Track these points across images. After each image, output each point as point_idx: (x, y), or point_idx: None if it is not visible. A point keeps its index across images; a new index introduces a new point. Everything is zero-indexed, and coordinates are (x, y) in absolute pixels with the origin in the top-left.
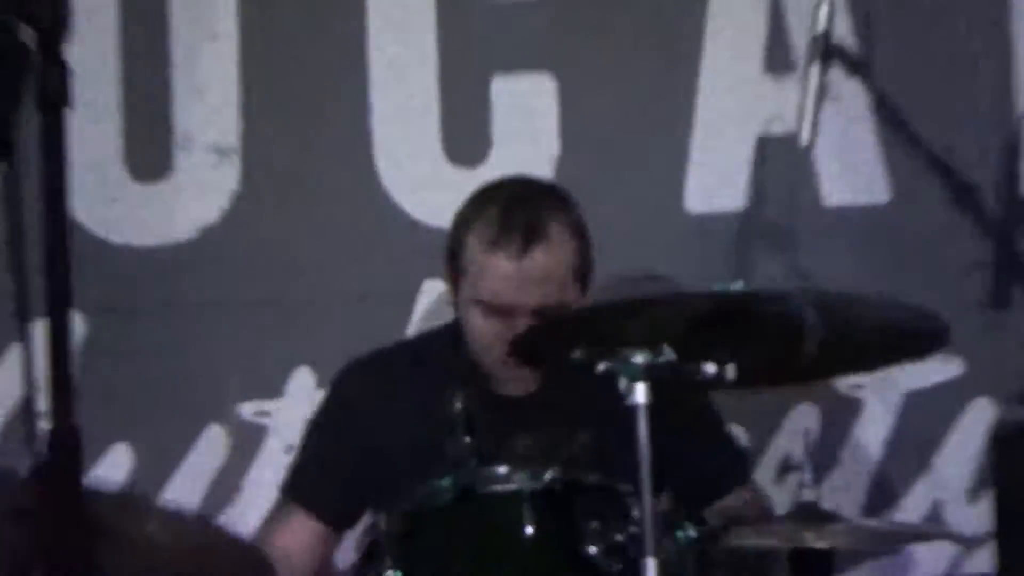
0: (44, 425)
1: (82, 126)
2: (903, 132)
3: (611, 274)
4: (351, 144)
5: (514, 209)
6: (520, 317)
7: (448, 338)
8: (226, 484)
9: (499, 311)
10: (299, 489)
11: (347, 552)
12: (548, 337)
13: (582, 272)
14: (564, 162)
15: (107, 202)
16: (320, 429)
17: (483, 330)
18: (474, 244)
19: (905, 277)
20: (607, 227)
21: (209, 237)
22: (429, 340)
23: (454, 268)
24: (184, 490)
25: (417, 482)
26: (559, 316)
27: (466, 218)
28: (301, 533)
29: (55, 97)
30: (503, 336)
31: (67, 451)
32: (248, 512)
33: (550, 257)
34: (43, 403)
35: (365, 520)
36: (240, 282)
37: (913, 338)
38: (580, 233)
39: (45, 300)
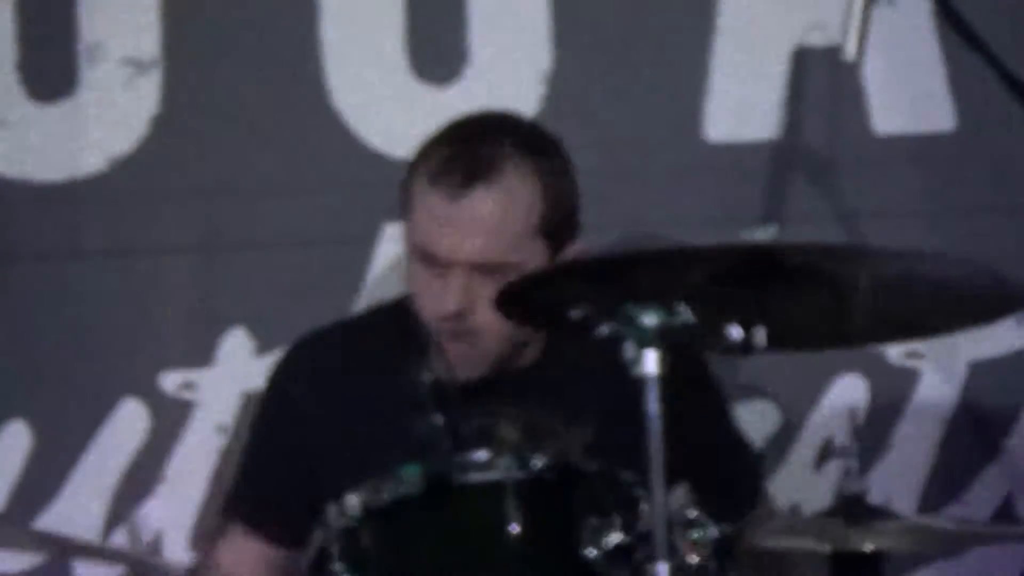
0: None
1: None
2: (970, 45)
3: (611, 220)
4: (296, 56)
5: (467, 143)
6: (454, 271)
7: (410, 308)
8: (145, 471)
9: (432, 261)
10: (242, 505)
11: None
12: (539, 292)
13: (550, 230)
14: (556, 79)
15: None
16: (261, 431)
17: (420, 287)
18: (418, 180)
19: (970, 222)
20: (609, 161)
21: (122, 170)
22: (387, 313)
23: (403, 210)
24: (93, 479)
25: (380, 463)
26: (546, 270)
27: (419, 152)
28: (247, 556)
29: None
30: (437, 294)
31: None
32: (171, 506)
33: (494, 201)
34: None
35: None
36: (160, 225)
37: (979, 299)
38: (550, 182)
39: None
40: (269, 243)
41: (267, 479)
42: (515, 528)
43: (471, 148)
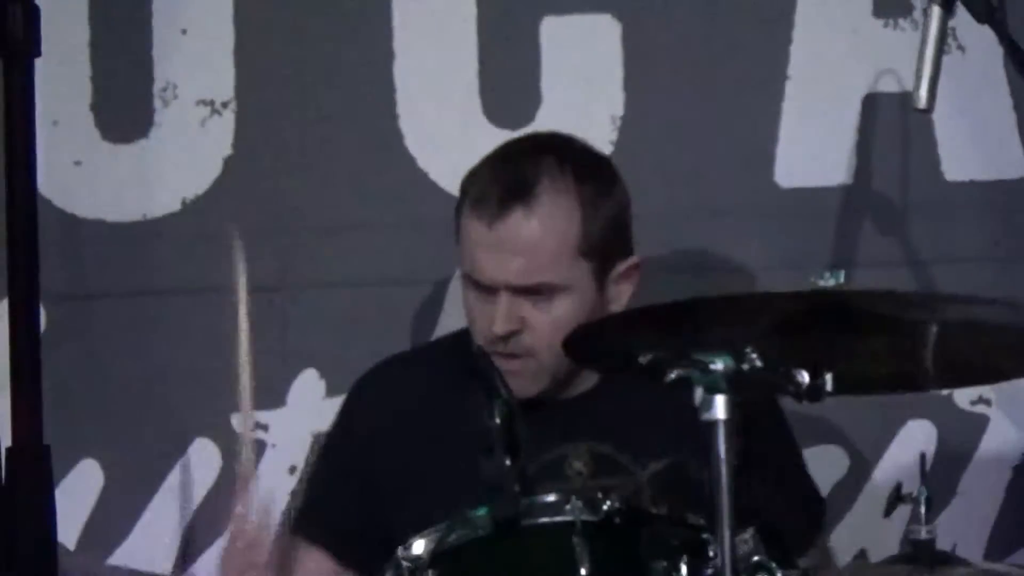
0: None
1: (43, 73)
2: None
3: (681, 263)
4: (369, 100)
5: (507, 165)
6: (499, 294)
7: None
8: (215, 511)
9: (478, 285)
10: (312, 524)
11: None
12: (608, 335)
13: (593, 250)
14: (628, 123)
15: (72, 167)
16: (333, 452)
17: (470, 312)
18: (465, 208)
19: None
20: (680, 205)
21: (195, 210)
22: (459, 340)
23: (456, 241)
24: (164, 518)
25: (447, 504)
26: (615, 314)
27: (465, 179)
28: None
29: (19, 41)
30: (486, 317)
31: (32, 475)
32: None
33: (531, 223)
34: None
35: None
36: (232, 265)
37: None
38: (592, 201)
39: (7, 290)
40: (341, 284)
41: (340, 498)
42: (584, 571)
43: (509, 170)
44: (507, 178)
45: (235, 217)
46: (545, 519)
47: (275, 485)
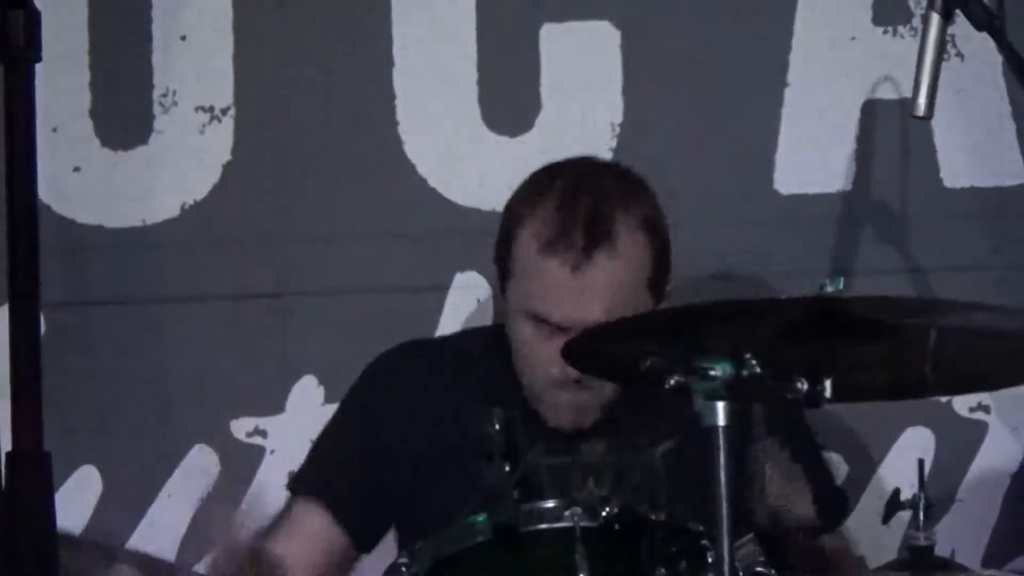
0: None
1: (42, 80)
2: None
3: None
4: (369, 106)
5: (575, 203)
6: (571, 334)
7: (495, 342)
8: (215, 516)
9: (552, 327)
10: (313, 481)
11: None
12: (610, 343)
13: (656, 280)
14: (627, 130)
15: (71, 173)
16: (340, 421)
17: (532, 348)
18: (526, 243)
19: None
20: (679, 212)
21: (195, 216)
22: (474, 340)
23: (503, 268)
24: (163, 523)
25: (447, 507)
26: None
27: (519, 211)
28: (319, 534)
29: (20, 47)
30: (550, 358)
31: (32, 481)
32: None
33: (617, 264)
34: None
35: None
36: (232, 272)
37: None
38: (656, 231)
39: (7, 296)
40: (340, 291)
41: (346, 464)
42: None
43: (581, 208)
44: (584, 218)
45: (234, 223)
46: (544, 525)
47: (274, 491)
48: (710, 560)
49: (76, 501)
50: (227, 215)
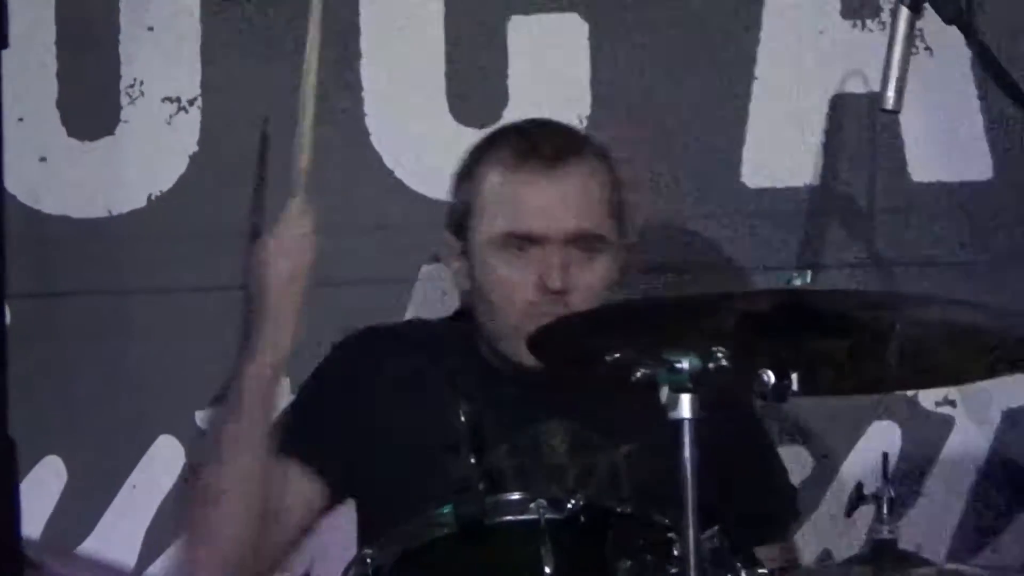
0: None
1: (9, 69)
2: (1009, 95)
3: (648, 264)
4: (336, 97)
5: (538, 130)
6: (551, 249)
7: (458, 329)
8: (180, 508)
9: (528, 239)
10: (293, 440)
11: None
12: (576, 334)
13: (620, 211)
14: (595, 123)
15: (37, 163)
16: (310, 391)
17: (508, 276)
18: (492, 172)
19: (1006, 271)
20: (647, 205)
21: (161, 207)
22: (438, 327)
23: (464, 224)
24: (128, 515)
25: (409, 494)
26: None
27: (475, 156)
28: (301, 491)
29: None
30: (530, 276)
31: None
32: None
33: (586, 172)
34: None
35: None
36: (198, 263)
37: (1014, 346)
38: (612, 167)
39: None
40: (307, 284)
41: (311, 420)
42: (548, 569)
43: (549, 132)
44: (552, 135)
45: (200, 214)
46: (510, 517)
47: None
48: (676, 552)
49: (41, 490)
50: (194, 206)
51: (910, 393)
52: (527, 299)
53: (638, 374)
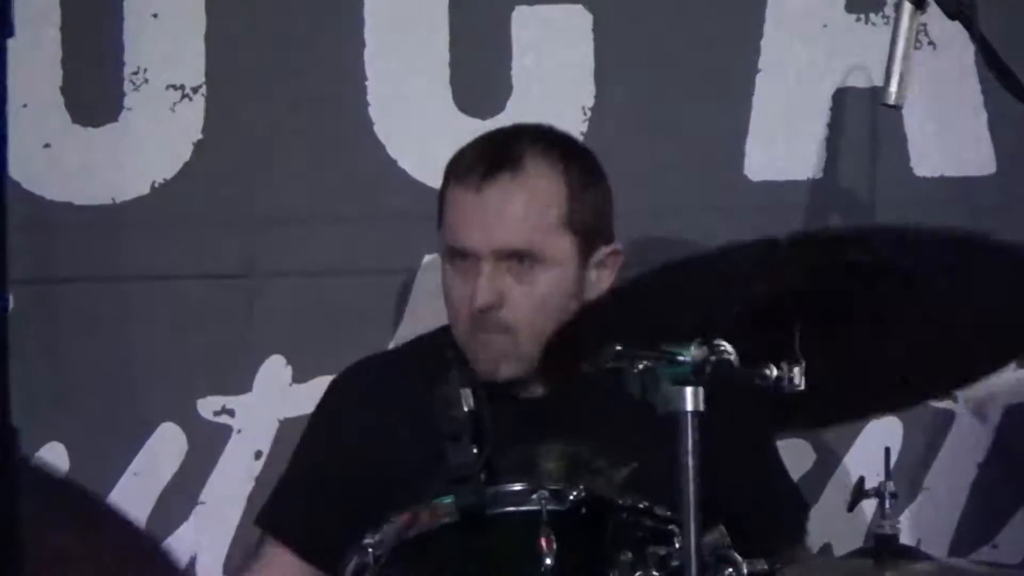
0: None
1: (13, 55)
2: (1012, 89)
3: (651, 256)
4: (340, 87)
5: (493, 141)
6: (483, 265)
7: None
8: (181, 495)
9: (462, 256)
10: (279, 519)
11: None
12: (577, 329)
13: (579, 227)
14: (598, 113)
15: (41, 149)
16: (305, 449)
17: (450, 288)
18: (448, 183)
19: None
20: (649, 197)
21: (164, 195)
22: (436, 339)
23: (438, 225)
24: (129, 501)
25: (414, 501)
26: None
27: (446, 172)
28: (281, 571)
29: None
30: (467, 291)
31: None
32: (206, 530)
33: (519, 188)
34: None
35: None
36: (201, 251)
37: (1016, 341)
38: (576, 182)
39: None
40: (309, 272)
41: (305, 495)
42: (548, 561)
43: (496, 145)
44: (494, 151)
45: (204, 202)
46: (511, 508)
47: (241, 470)
48: (677, 545)
49: None
50: (197, 194)
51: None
52: (466, 314)
53: (640, 366)
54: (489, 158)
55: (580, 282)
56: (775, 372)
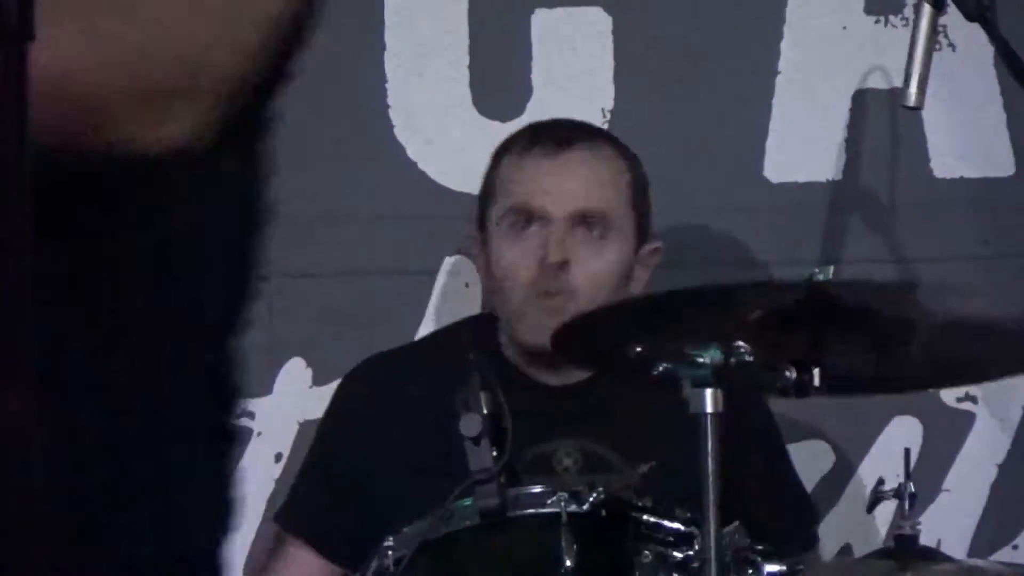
0: None
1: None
2: None
3: (670, 258)
4: (360, 88)
5: (558, 121)
6: (554, 226)
7: (474, 329)
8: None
9: (530, 217)
10: (297, 518)
11: None
12: (596, 329)
13: (638, 208)
14: (618, 116)
15: None
16: (321, 447)
17: (512, 254)
18: (506, 160)
19: None
20: (668, 199)
21: None
22: (452, 334)
23: (484, 214)
24: None
25: (435, 502)
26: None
27: (497, 155)
28: (302, 570)
29: (12, 25)
30: (534, 253)
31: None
32: None
33: (595, 156)
34: None
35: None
36: None
37: None
38: (633, 164)
39: None
40: (329, 274)
41: (324, 492)
42: (568, 562)
43: (563, 125)
44: (565, 127)
45: None
46: (531, 510)
47: (261, 472)
48: (697, 546)
49: None
50: None
51: (931, 389)
52: (530, 277)
53: (660, 368)
54: (565, 130)
55: (631, 270)
56: (794, 375)
